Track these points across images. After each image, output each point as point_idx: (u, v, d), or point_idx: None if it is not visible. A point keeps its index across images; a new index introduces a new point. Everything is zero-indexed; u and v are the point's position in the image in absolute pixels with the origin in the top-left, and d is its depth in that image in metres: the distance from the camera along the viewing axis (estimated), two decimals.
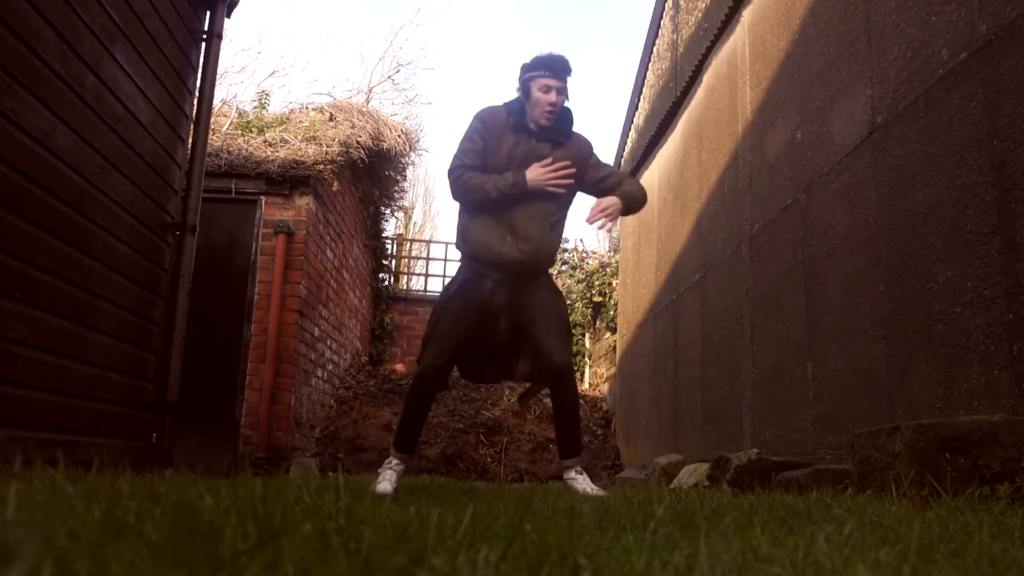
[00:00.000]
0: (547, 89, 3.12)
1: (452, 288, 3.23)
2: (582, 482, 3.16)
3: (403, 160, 8.66)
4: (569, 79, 3.18)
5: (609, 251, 10.78)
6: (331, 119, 7.47)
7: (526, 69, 3.19)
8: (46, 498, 1.08)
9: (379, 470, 3.20)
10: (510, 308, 3.14)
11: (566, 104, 3.20)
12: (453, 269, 4.57)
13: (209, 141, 4.61)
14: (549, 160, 3.09)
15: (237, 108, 7.79)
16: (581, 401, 8.39)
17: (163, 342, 3.71)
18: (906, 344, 2.82)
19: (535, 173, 3.07)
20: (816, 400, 3.47)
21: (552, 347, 3.09)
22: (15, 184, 2.58)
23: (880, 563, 0.85)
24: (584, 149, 3.27)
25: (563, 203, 3.25)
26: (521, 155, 3.13)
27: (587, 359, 9.83)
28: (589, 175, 3.26)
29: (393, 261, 10.54)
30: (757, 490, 2.68)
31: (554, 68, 3.13)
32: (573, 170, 3.13)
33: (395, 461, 3.16)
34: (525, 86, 3.18)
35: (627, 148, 7.88)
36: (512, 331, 3.17)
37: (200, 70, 4.08)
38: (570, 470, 3.24)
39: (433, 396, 3.24)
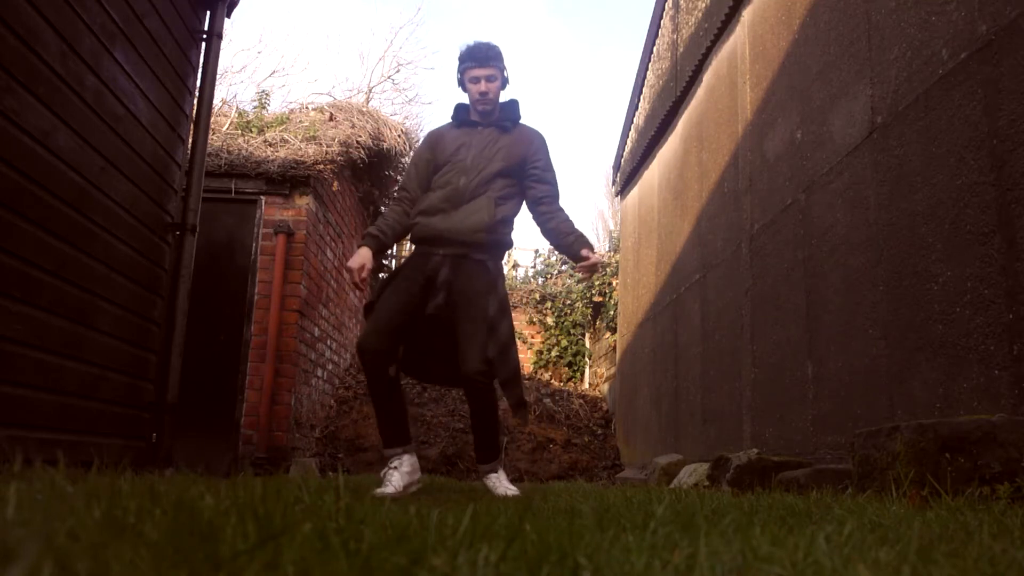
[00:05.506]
0: (475, 80, 3.19)
1: (400, 265, 3.25)
2: (494, 481, 3.06)
3: (403, 160, 8.65)
4: (497, 64, 3.21)
5: (609, 251, 10.78)
6: (331, 119, 7.47)
7: (459, 63, 3.26)
8: (46, 498, 1.08)
9: (381, 473, 3.05)
10: (449, 294, 3.05)
11: (504, 92, 3.27)
12: None
13: (209, 141, 4.61)
14: (368, 270, 3.11)
15: (237, 108, 7.79)
16: (581, 401, 8.41)
17: (163, 342, 3.71)
18: (906, 344, 2.82)
19: (353, 262, 3.11)
20: (816, 400, 3.47)
21: (466, 354, 2.98)
22: (15, 184, 2.58)
23: (880, 563, 0.85)
24: (529, 145, 3.24)
25: (510, 182, 3.19)
26: (467, 143, 3.20)
27: (587, 359, 9.83)
28: (528, 172, 3.22)
29: (393, 261, 10.53)
30: (757, 490, 2.68)
31: (477, 57, 3.19)
32: (363, 278, 3.11)
33: (393, 461, 3.00)
34: (460, 81, 3.27)
35: (627, 148, 7.88)
36: (448, 327, 3.07)
37: (200, 70, 4.08)
38: (487, 474, 3.14)
39: (384, 379, 3.03)
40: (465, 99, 3.33)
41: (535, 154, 3.25)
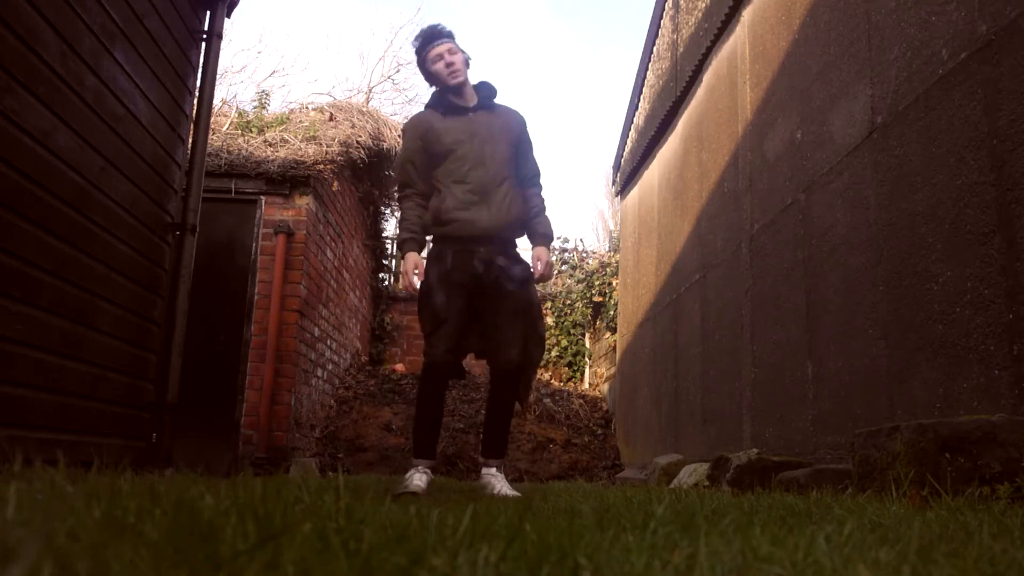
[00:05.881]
0: (438, 57, 3.22)
1: (442, 272, 3.12)
2: (499, 481, 3.07)
3: None
4: (452, 39, 3.26)
5: (609, 251, 10.78)
6: (331, 119, 7.47)
7: (416, 55, 3.28)
8: (46, 498, 1.08)
9: (405, 476, 3.07)
10: (492, 282, 3.09)
11: (468, 68, 3.29)
12: None
13: (209, 141, 4.61)
14: (417, 277, 3.16)
15: (237, 108, 7.79)
16: (581, 401, 8.40)
17: (163, 342, 3.71)
18: (906, 344, 2.82)
19: (407, 268, 3.17)
20: (816, 400, 3.47)
21: (506, 343, 3.07)
22: (15, 184, 2.58)
23: (880, 563, 0.85)
24: (519, 121, 3.36)
25: (515, 163, 3.28)
26: (466, 131, 3.20)
27: (587, 359, 9.83)
28: (519, 150, 3.32)
29: (393, 261, 10.54)
30: (757, 490, 2.68)
31: (432, 36, 3.25)
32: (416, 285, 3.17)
33: (421, 468, 3.03)
34: (425, 70, 3.27)
35: (627, 148, 7.88)
36: (484, 311, 3.12)
37: (200, 70, 4.08)
38: (490, 467, 3.15)
39: (445, 387, 3.17)
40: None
41: (523, 131, 3.36)
